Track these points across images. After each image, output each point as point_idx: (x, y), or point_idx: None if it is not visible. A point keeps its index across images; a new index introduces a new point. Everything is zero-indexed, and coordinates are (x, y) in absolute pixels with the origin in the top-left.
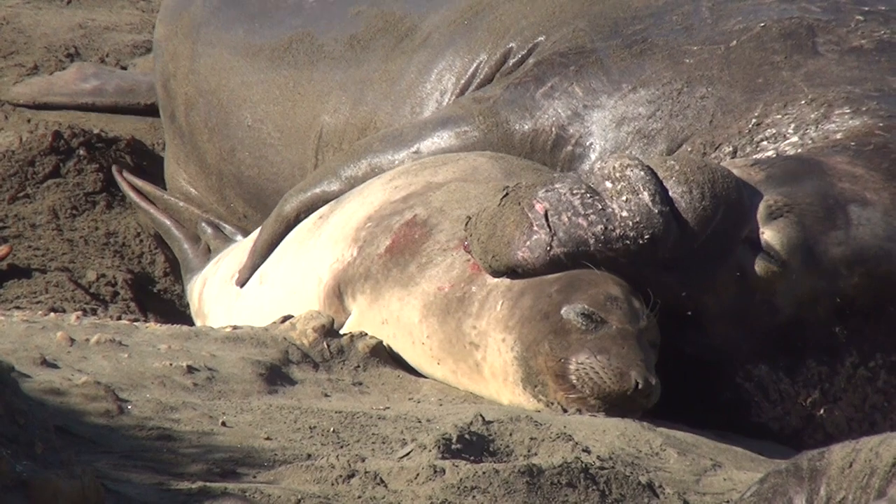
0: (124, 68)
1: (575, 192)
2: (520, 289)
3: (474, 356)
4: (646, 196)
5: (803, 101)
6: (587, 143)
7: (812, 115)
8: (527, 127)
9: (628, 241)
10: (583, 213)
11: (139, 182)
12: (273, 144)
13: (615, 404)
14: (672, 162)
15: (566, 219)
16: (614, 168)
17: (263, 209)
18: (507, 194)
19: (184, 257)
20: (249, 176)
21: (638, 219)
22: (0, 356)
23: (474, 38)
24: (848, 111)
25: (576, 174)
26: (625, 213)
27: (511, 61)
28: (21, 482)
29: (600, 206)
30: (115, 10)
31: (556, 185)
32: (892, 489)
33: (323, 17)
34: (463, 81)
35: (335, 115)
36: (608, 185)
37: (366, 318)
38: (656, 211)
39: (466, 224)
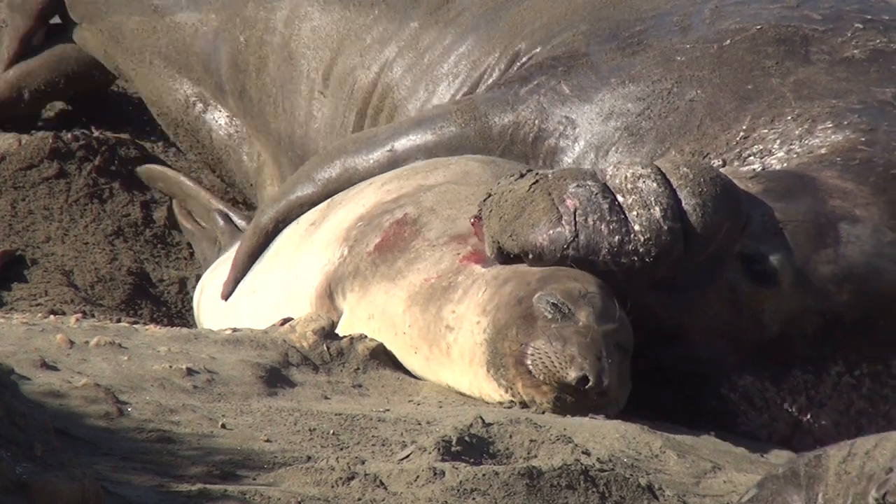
0: None
1: (606, 195)
2: (504, 277)
3: (447, 339)
4: (657, 211)
5: (789, 117)
6: (571, 137)
7: (797, 131)
8: (507, 119)
9: (636, 258)
10: (607, 218)
11: (159, 169)
12: (317, 98)
13: (568, 395)
14: (686, 170)
15: (591, 222)
16: (626, 178)
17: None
18: (536, 181)
19: (204, 257)
20: (299, 135)
21: (648, 235)
22: (0, 358)
23: (494, 31)
24: (830, 125)
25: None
26: (637, 227)
27: (516, 63)
28: (21, 484)
29: (624, 216)
30: None
31: (588, 182)
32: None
33: None
34: (475, 76)
35: (367, 73)
36: (619, 198)
37: (355, 315)
38: (666, 228)
39: (486, 199)
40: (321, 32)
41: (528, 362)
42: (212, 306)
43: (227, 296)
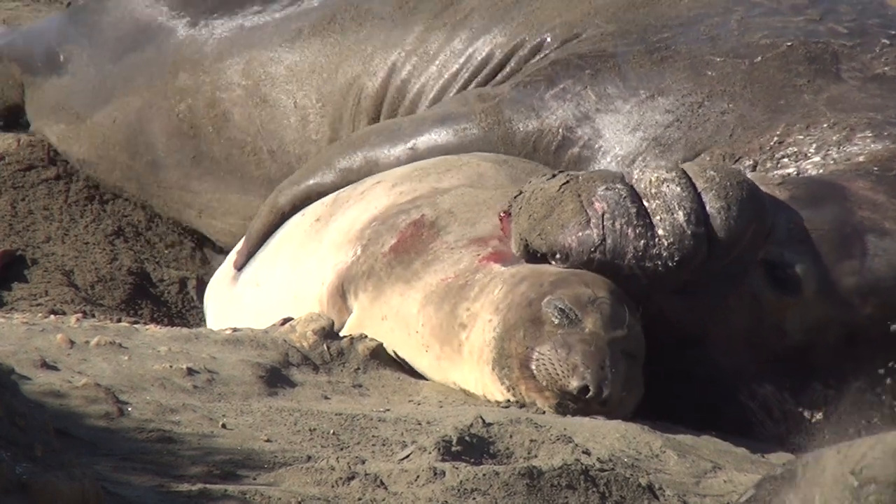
0: None
1: (634, 199)
2: (521, 276)
3: (459, 337)
4: (681, 216)
5: (825, 125)
6: (596, 146)
7: (834, 137)
8: (531, 126)
9: (659, 262)
10: (634, 223)
11: None
12: (313, 121)
13: (570, 401)
14: (712, 173)
15: (619, 226)
16: (651, 182)
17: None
18: (567, 181)
19: None
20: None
21: (672, 240)
22: (0, 358)
23: (510, 28)
24: (870, 135)
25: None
26: (661, 232)
27: (536, 58)
28: (21, 485)
29: (649, 221)
30: None
31: (618, 186)
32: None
33: None
34: (487, 71)
35: (373, 79)
36: (644, 202)
37: (366, 315)
38: (689, 233)
39: (517, 196)
40: (302, 65)
41: (533, 367)
42: (216, 296)
43: (240, 266)
